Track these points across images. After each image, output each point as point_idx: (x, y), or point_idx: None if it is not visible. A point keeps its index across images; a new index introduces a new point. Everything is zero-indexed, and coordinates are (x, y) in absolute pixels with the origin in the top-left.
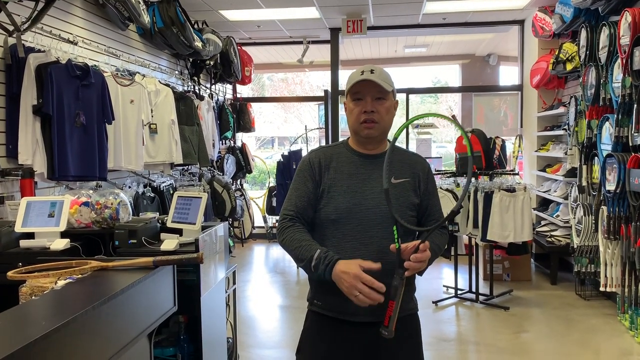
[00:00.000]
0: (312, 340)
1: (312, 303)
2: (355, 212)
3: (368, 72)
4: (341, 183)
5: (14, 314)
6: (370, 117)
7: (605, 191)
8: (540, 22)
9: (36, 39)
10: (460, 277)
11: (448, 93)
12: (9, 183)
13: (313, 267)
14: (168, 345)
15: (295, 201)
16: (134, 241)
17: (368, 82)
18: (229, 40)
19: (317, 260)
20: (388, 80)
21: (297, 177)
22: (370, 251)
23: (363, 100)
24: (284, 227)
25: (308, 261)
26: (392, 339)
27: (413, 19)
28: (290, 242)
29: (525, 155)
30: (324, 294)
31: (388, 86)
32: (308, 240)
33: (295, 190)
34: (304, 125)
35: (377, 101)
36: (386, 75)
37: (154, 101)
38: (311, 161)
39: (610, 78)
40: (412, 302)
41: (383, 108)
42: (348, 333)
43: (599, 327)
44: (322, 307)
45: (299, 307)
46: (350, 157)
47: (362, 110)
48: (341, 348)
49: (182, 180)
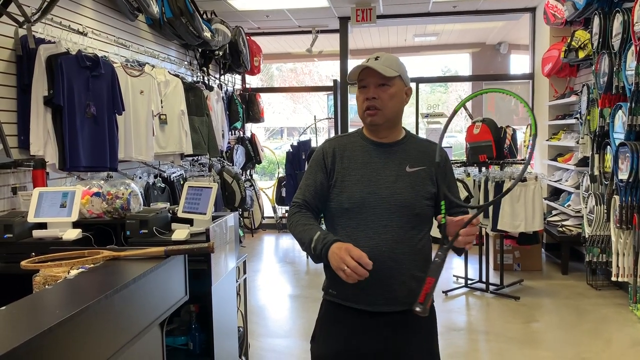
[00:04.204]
0: (327, 329)
1: (327, 292)
2: (368, 201)
3: (372, 59)
4: (355, 172)
5: (28, 303)
6: (372, 104)
7: (617, 180)
8: (552, 9)
9: (46, 30)
10: (471, 267)
11: (458, 82)
12: (21, 174)
13: (313, 248)
14: (180, 334)
15: (304, 190)
16: (145, 231)
17: (369, 70)
18: (237, 31)
19: (316, 242)
20: (392, 66)
21: (310, 167)
22: (384, 240)
23: (367, 88)
24: (291, 214)
25: (309, 243)
26: (408, 328)
27: (423, 7)
28: (295, 227)
29: (537, 144)
30: (340, 283)
31: (391, 72)
32: (311, 224)
33: (306, 179)
34: (313, 116)
35: (380, 88)
36: (392, 61)
37: (163, 92)
38: (325, 150)
39: (623, 66)
40: None
41: (386, 94)
42: (363, 322)
43: (610, 317)
44: (337, 296)
45: (309, 297)
46: (364, 146)
47: (365, 97)
48: (356, 337)
49: (192, 170)
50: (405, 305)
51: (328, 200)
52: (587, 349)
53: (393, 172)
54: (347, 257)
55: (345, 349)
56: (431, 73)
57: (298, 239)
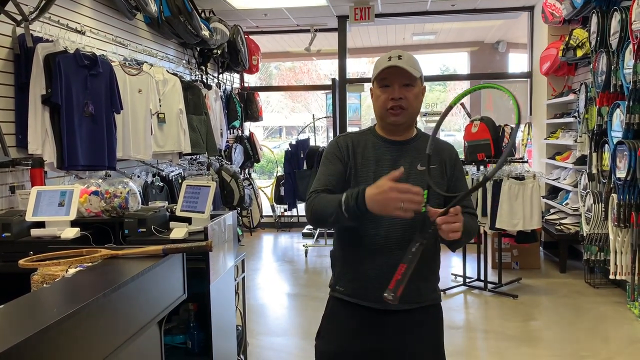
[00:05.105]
0: (333, 326)
1: (333, 289)
2: None
3: (396, 57)
4: (367, 169)
5: (26, 302)
6: (398, 104)
7: (615, 179)
8: (550, 8)
9: (44, 28)
10: (469, 266)
11: (456, 81)
12: (19, 173)
13: (345, 211)
14: (178, 333)
15: (324, 180)
16: (143, 230)
17: (396, 69)
18: (236, 29)
19: (346, 202)
20: (416, 66)
21: (325, 159)
22: (394, 237)
23: (390, 87)
24: (311, 200)
25: (338, 209)
26: (414, 326)
27: (421, 5)
28: (317, 206)
29: (535, 143)
30: (347, 280)
31: (416, 72)
32: (333, 195)
33: (326, 170)
34: (311, 115)
35: (405, 88)
36: (414, 60)
37: (162, 90)
38: (339, 144)
39: (621, 64)
40: (436, 292)
41: (411, 94)
42: (370, 320)
43: (608, 315)
44: (345, 292)
45: (308, 295)
46: (377, 143)
47: (389, 97)
48: (362, 334)
49: (191, 169)
50: (412, 303)
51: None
52: (585, 346)
53: (405, 169)
54: (399, 194)
55: (350, 346)
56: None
57: (324, 214)
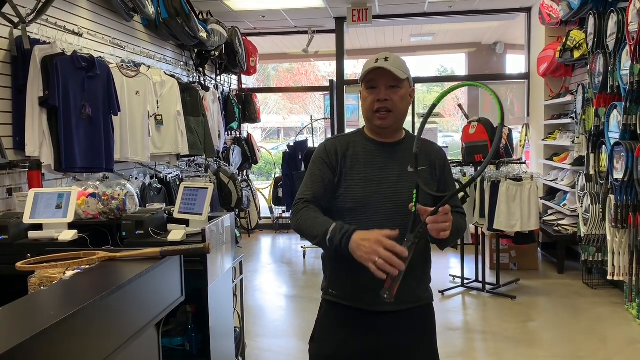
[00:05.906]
0: (327, 329)
1: (326, 292)
2: (372, 201)
3: (382, 59)
4: (357, 172)
5: (24, 304)
6: (384, 106)
7: (612, 180)
8: (548, 9)
9: (41, 30)
10: (467, 267)
11: (454, 82)
12: (16, 175)
13: (328, 240)
14: (176, 335)
15: (311, 186)
16: (141, 232)
17: (381, 70)
18: (233, 31)
19: (333, 233)
20: (403, 67)
21: (313, 163)
22: None
23: (377, 89)
24: (298, 210)
25: (323, 235)
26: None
27: (419, 7)
28: (304, 221)
29: (532, 144)
30: (340, 283)
31: (402, 74)
32: (323, 217)
33: (311, 175)
34: (309, 116)
35: (391, 89)
36: (401, 62)
37: (159, 92)
38: (327, 148)
39: (618, 65)
40: (428, 292)
41: (397, 96)
42: (363, 322)
43: (606, 316)
44: (338, 296)
45: (306, 297)
46: (366, 146)
47: (375, 98)
48: (356, 337)
49: (189, 171)
50: (405, 304)
51: (332, 199)
52: (583, 347)
53: (395, 171)
54: (380, 248)
55: (344, 349)
56: (427, 73)
57: (308, 233)
